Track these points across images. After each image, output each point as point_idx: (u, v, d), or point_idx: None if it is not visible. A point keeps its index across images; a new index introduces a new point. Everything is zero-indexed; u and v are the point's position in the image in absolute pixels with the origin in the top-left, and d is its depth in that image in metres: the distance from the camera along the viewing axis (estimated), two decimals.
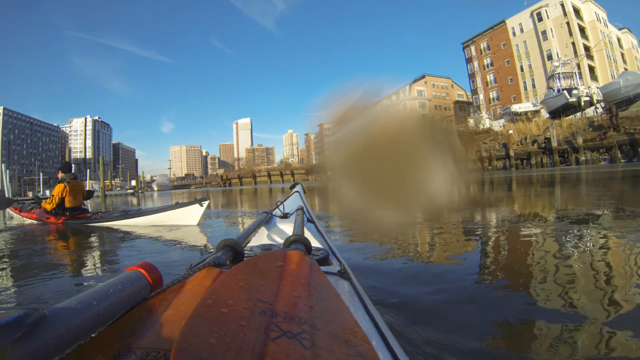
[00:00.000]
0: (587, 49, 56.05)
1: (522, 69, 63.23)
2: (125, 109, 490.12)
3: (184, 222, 7.15)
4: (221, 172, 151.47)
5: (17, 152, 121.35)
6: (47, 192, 53.15)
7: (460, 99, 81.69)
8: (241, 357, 0.48)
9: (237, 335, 0.53)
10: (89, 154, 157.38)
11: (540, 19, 60.21)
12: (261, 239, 1.83)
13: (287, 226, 1.96)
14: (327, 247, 1.60)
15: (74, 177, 8.05)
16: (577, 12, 58.02)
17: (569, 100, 42.94)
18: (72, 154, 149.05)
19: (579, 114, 42.60)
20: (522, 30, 63.12)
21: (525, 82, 62.85)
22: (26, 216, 8.94)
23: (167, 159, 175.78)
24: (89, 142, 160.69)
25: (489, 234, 4.31)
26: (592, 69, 55.92)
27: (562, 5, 57.71)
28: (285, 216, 2.21)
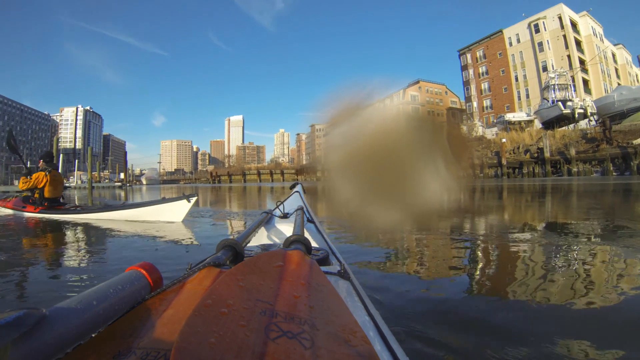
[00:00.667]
0: (582, 62, 56.57)
1: (516, 79, 63.64)
2: (117, 100, 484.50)
3: (168, 218, 7.03)
4: (211, 168, 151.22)
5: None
6: None
7: (453, 106, 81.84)
8: (241, 357, 0.48)
9: (237, 335, 0.53)
10: (78, 145, 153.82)
11: (537, 31, 60.67)
12: (261, 239, 1.84)
13: (287, 226, 1.97)
14: (327, 247, 1.59)
15: (55, 168, 7.95)
16: (574, 25, 58.62)
17: (563, 111, 43.23)
18: (62, 144, 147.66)
19: (572, 126, 42.94)
20: (518, 40, 63.55)
21: (519, 92, 63.23)
22: (1, 205, 8.57)
23: (157, 153, 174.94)
24: (79, 133, 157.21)
25: (476, 245, 4.14)
26: (586, 82, 56.49)
27: (560, 18, 58.31)
28: (285, 216, 2.23)
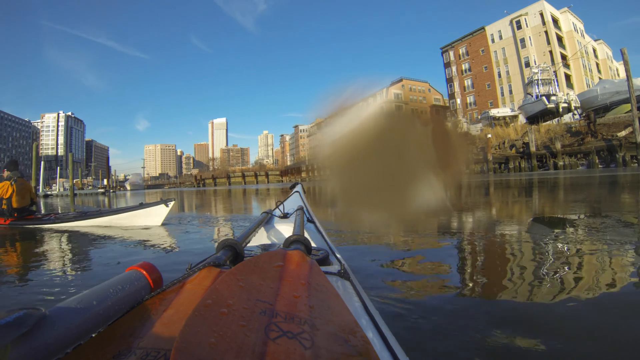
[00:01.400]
0: (564, 57, 57.18)
1: (499, 75, 64.08)
2: (100, 105, 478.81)
3: (147, 222, 7.13)
4: (195, 172, 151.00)
5: None
6: None
7: (437, 103, 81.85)
8: (241, 357, 0.48)
9: (237, 335, 0.53)
10: (60, 151, 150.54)
11: (519, 27, 61.14)
12: (261, 239, 1.86)
13: (287, 226, 1.98)
14: (327, 247, 1.59)
15: (21, 176, 7.73)
16: (555, 21, 59.23)
17: (548, 106, 43.37)
18: (44, 151, 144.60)
19: (556, 120, 43.07)
20: (501, 37, 63.96)
21: (502, 88, 63.67)
22: None
23: (141, 158, 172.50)
24: (61, 139, 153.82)
25: (468, 243, 4.09)
26: (568, 77, 57.07)
27: (542, 14, 58.93)
28: (285, 216, 2.22)
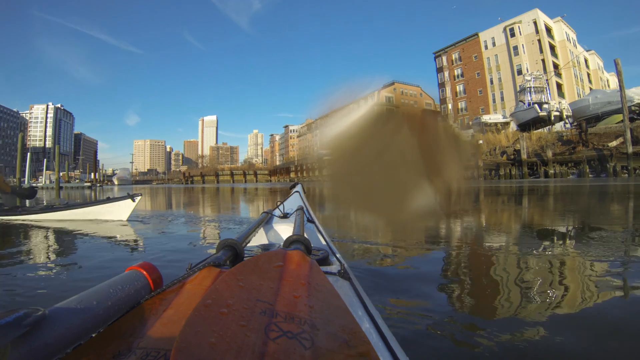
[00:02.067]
0: (556, 66, 57.55)
1: (491, 82, 64.29)
2: (90, 98, 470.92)
3: (113, 217, 7.34)
4: (184, 169, 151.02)
5: None
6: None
7: (428, 108, 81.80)
8: (241, 357, 0.49)
9: (237, 335, 0.53)
10: (48, 143, 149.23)
11: (512, 35, 61.32)
12: (261, 239, 1.88)
13: (287, 226, 1.99)
14: (327, 247, 1.59)
15: None
16: (548, 30, 59.63)
17: (540, 114, 43.42)
18: (32, 143, 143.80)
19: (547, 128, 43.31)
20: (494, 44, 64.09)
21: (494, 95, 63.87)
22: None
23: (130, 153, 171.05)
24: (50, 131, 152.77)
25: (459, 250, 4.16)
26: (559, 86, 57.43)
27: (535, 23, 59.22)
28: (285, 216, 2.23)
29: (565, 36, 60.72)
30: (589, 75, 64.39)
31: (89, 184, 67.38)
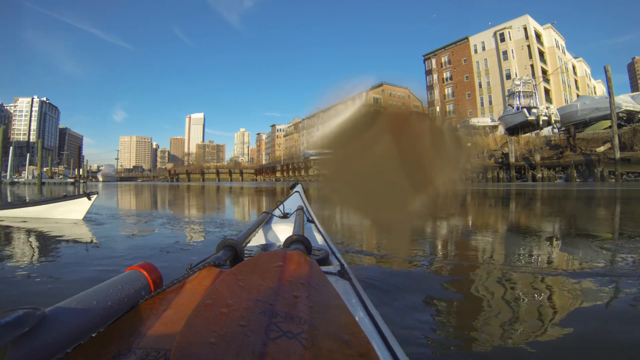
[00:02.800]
0: (544, 72, 58.16)
1: (480, 85, 64.72)
2: (76, 92, 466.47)
3: (69, 215, 7.29)
4: (170, 166, 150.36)
5: None
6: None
7: (416, 110, 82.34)
8: (241, 357, 0.49)
9: (237, 335, 0.53)
10: (32, 137, 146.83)
11: (502, 40, 61.80)
12: (261, 239, 1.86)
13: (287, 226, 1.97)
14: (327, 247, 1.60)
15: None
16: (538, 36, 60.30)
17: (528, 118, 43.61)
18: (15, 136, 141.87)
19: (535, 133, 43.84)
20: (484, 48, 64.52)
21: (482, 98, 64.27)
22: None
23: (115, 149, 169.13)
24: (34, 125, 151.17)
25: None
26: (547, 92, 58.11)
27: (525, 29, 59.80)
28: (285, 216, 2.23)
29: (554, 43, 61.59)
30: (576, 81, 65.39)
31: (72, 180, 66.22)
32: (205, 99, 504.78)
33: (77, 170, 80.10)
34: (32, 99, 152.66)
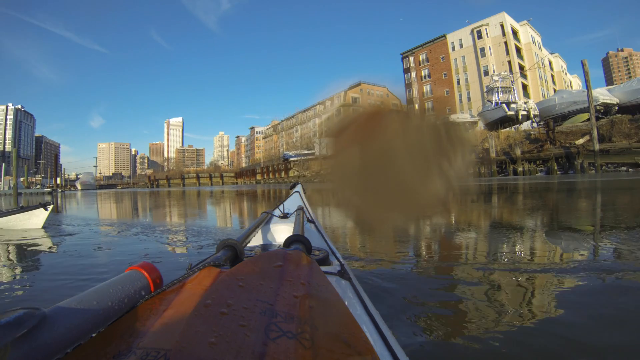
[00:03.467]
0: (521, 68, 58.78)
1: (458, 82, 65.19)
2: (52, 99, 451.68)
3: (27, 226, 7.60)
4: (150, 172, 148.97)
5: None
6: None
7: (394, 109, 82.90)
8: (241, 357, 0.49)
9: (237, 335, 0.54)
10: (8, 147, 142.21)
11: (480, 37, 62.18)
12: (261, 239, 1.87)
13: (287, 226, 1.97)
14: (327, 247, 1.61)
15: None
16: (515, 33, 60.82)
17: (508, 113, 44.09)
18: None
19: (514, 127, 44.18)
20: (461, 45, 64.88)
21: (461, 95, 64.77)
22: None
23: (93, 157, 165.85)
24: (9, 134, 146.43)
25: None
26: (525, 87, 58.70)
27: (502, 26, 60.26)
28: (285, 216, 2.23)
29: (530, 39, 62.26)
30: (553, 76, 66.55)
31: (50, 190, 64.54)
32: (183, 103, 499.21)
33: (54, 179, 78.27)
34: (7, 107, 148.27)
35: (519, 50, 60.20)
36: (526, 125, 44.55)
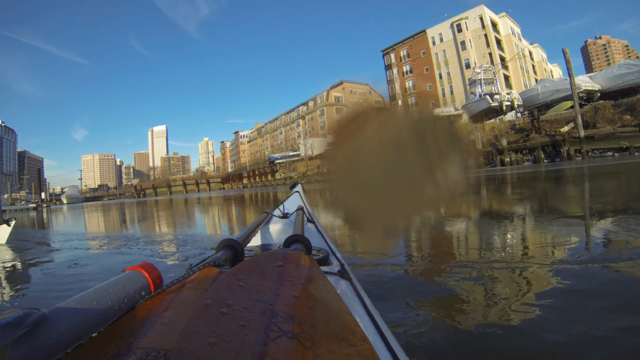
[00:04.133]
0: (502, 59, 59.13)
1: (440, 76, 65.44)
2: (34, 113, 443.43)
3: None
4: (136, 182, 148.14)
5: None
6: None
7: (377, 106, 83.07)
8: (241, 357, 0.49)
9: (237, 335, 0.54)
10: None
11: (459, 30, 62.50)
12: (261, 239, 1.87)
13: (287, 226, 2.00)
14: (327, 247, 1.61)
15: None
16: (494, 25, 61.26)
17: (492, 104, 44.19)
18: None
19: (499, 118, 44.41)
20: (442, 39, 65.11)
21: (443, 89, 65.01)
22: None
23: (78, 169, 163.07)
24: None
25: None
26: (507, 78, 59.10)
27: (481, 18, 60.53)
28: (285, 216, 2.25)
29: (510, 30, 62.73)
30: (533, 66, 67.33)
31: (35, 205, 63.25)
32: (166, 110, 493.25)
33: (38, 194, 76.78)
34: None
35: (499, 42, 60.58)
36: (510, 115, 44.77)
